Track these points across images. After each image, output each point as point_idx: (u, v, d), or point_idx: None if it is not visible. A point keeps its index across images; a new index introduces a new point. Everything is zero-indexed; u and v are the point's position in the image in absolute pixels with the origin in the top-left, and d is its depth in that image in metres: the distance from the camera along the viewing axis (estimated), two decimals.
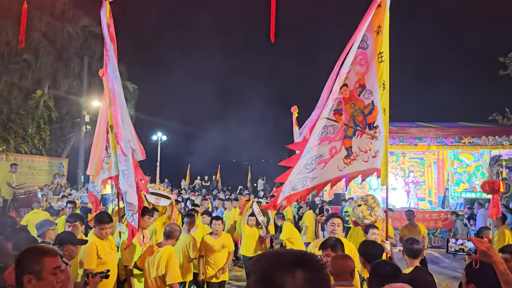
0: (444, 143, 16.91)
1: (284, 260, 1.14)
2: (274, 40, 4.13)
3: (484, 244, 2.16)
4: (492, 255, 2.15)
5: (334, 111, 4.57)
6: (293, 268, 1.12)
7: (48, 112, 21.11)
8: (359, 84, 4.59)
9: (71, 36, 21.81)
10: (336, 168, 4.67)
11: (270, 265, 1.15)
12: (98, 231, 4.64)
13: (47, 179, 19.26)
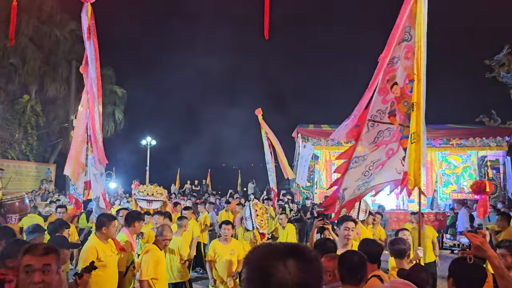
0: (432, 144, 17.09)
1: (278, 250, 1.18)
2: (268, 37, 4.10)
3: (478, 239, 2.17)
4: (487, 249, 2.16)
5: (389, 113, 4.41)
6: (286, 257, 1.15)
7: (35, 117, 20.88)
8: (408, 80, 4.39)
9: (58, 40, 21.62)
10: (395, 171, 4.48)
11: (264, 255, 1.19)
12: (99, 234, 4.59)
13: (35, 185, 19.02)
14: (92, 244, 4.50)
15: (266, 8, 3.92)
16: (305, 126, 18.50)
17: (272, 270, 1.13)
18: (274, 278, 1.12)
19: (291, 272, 1.13)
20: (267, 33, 4.08)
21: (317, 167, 18.10)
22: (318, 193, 17.93)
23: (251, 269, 1.17)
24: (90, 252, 4.38)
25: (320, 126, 18.87)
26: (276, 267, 1.13)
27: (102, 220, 4.68)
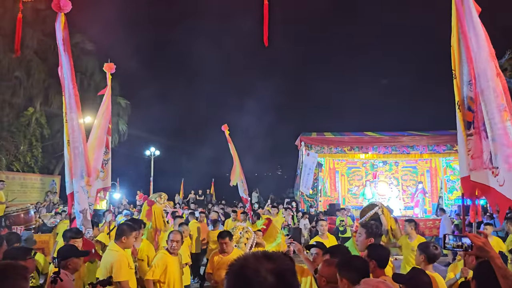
0: (436, 151, 17.08)
1: (254, 256, 1.34)
2: (267, 44, 4.12)
3: (480, 239, 2.18)
4: (489, 250, 2.16)
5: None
6: (262, 260, 1.31)
7: (40, 129, 21.01)
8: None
9: None
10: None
11: (243, 261, 1.33)
12: (119, 243, 4.56)
13: (40, 197, 19.07)
14: (121, 253, 4.47)
15: (265, 15, 3.94)
16: (308, 134, 18.52)
17: (252, 272, 1.27)
18: (261, 271, 1.27)
19: (267, 268, 1.27)
20: (267, 40, 4.10)
21: (321, 175, 18.09)
22: (322, 201, 17.90)
23: (232, 275, 1.30)
24: (122, 262, 4.36)
25: (323, 134, 18.89)
26: (256, 269, 1.27)
27: (123, 229, 4.66)
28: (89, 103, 23.03)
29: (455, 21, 4.04)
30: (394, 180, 18.39)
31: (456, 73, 4.01)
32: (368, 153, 17.89)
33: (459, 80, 4.01)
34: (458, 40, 4.01)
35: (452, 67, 4.06)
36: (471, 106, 3.92)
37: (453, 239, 2.25)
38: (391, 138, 17.78)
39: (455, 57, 4.03)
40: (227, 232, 5.73)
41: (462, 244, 2.20)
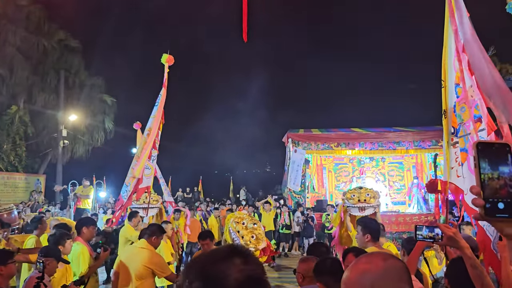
0: (422, 146, 17.26)
1: (221, 253, 1.19)
2: (246, 40, 4.10)
3: (451, 229, 2.22)
4: (458, 240, 2.20)
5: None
6: (231, 257, 1.16)
7: (24, 127, 20.70)
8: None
9: (46, 50, 21.52)
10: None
11: (207, 260, 1.17)
12: (150, 242, 4.65)
13: (24, 196, 18.81)
14: (154, 251, 4.68)
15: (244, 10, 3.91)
16: (295, 131, 18.55)
17: (221, 271, 1.12)
18: (230, 278, 1.11)
19: (241, 269, 1.14)
20: (246, 36, 4.08)
21: (308, 172, 18.14)
22: (310, 197, 17.96)
23: (195, 278, 1.12)
24: (163, 260, 4.68)
25: (311, 131, 18.94)
26: (226, 267, 1.13)
27: (155, 230, 4.74)
28: (74, 100, 22.78)
29: (447, 26, 4.15)
30: (380, 176, 18.53)
31: (446, 83, 4.15)
32: (354, 149, 18.00)
33: (447, 90, 4.14)
34: (447, 46, 4.15)
35: (442, 77, 4.20)
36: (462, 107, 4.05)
37: (424, 230, 2.27)
38: (377, 134, 17.91)
39: (445, 67, 4.15)
40: (207, 233, 5.51)
41: (433, 235, 2.23)
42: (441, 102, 4.27)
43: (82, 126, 23.39)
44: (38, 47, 21.21)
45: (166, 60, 7.68)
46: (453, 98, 4.11)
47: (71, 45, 23.17)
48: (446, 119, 4.15)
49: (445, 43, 4.19)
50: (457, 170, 4.07)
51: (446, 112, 4.15)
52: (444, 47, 4.22)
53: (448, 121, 4.13)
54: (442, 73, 4.21)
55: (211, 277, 1.12)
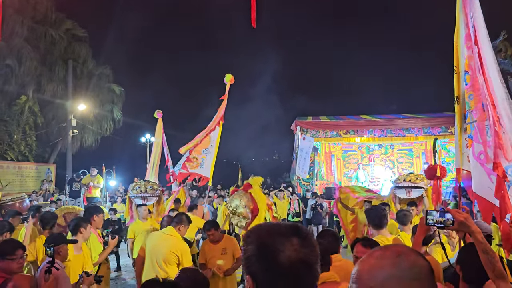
0: (431, 133, 17.14)
1: (280, 229, 1.25)
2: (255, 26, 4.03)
3: (462, 214, 2.20)
4: (470, 225, 2.19)
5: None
6: (290, 235, 1.23)
7: (33, 117, 20.86)
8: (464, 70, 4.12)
9: (54, 40, 21.54)
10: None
11: (267, 234, 1.25)
12: (178, 231, 4.83)
13: (35, 185, 19.03)
14: (181, 239, 4.84)
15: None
16: (303, 118, 18.49)
17: (280, 247, 1.19)
18: (282, 254, 1.18)
19: (296, 249, 1.20)
20: (254, 22, 4.01)
21: (317, 159, 18.12)
22: (319, 184, 17.97)
23: (258, 247, 1.22)
24: (188, 250, 4.81)
25: (319, 118, 18.86)
26: (282, 244, 1.20)
27: (182, 218, 4.91)
28: (82, 90, 22.86)
29: (459, 14, 4.06)
30: (389, 163, 18.45)
31: (458, 69, 4.08)
32: (363, 137, 17.92)
33: (460, 76, 4.07)
34: (459, 32, 4.07)
35: (454, 63, 4.12)
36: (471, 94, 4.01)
37: (435, 215, 2.25)
38: (386, 121, 17.80)
39: (457, 52, 4.08)
40: (211, 223, 5.47)
41: (444, 220, 2.21)
42: (452, 89, 4.22)
43: (91, 116, 23.51)
44: (45, 37, 21.24)
45: (230, 80, 8.56)
46: (463, 85, 4.05)
47: (78, 35, 23.18)
48: (459, 106, 4.07)
49: (457, 27, 4.10)
50: (468, 156, 4.05)
51: (459, 98, 4.08)
52: (456, 32, 4.12)
53: (461, 107, 4.05)
54: (454, 59, 4.13)
55: (266, 247, 1.21)
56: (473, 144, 3.87)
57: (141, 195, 7.59)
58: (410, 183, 7.20)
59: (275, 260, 1.18)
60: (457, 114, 4.12)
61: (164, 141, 10.71)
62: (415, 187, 7.18)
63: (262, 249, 1.21)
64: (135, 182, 8.18)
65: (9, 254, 3.20)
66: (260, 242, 1.22)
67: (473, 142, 3.88)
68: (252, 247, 1.22)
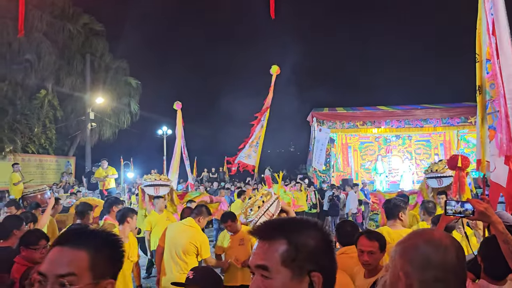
0: (450, 123, 16.86)
1: (309, 222, 1.22)
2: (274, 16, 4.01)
3: (482, 204, 2.17)
4: (491, 215, 2.16)
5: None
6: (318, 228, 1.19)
7: (53, 111, 21.22)
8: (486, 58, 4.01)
9: (72, 34, 21.82)
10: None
11: (297, 223, 1.21)
12: (197, 222, 4.91)
13: (55, 178, 19.43)
14: (200, 230, 4.93)
15: None
16: (320, 110, 18.39)
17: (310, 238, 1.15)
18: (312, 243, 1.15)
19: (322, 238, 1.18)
20: (273, 12, 3.99)
21: (333, 151, 18.03)
22: (335, 176, 17.90)
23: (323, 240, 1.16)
24: (207, 241, 4.94)
25: (335, 109, 18.74)
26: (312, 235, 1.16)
27: (202, 210, 4.98)
28: (100, 84, 23.15)
29: (481, 1, 3.96)
30: (407, 154, 18.25)
31: (480, 57, 3.98)
32: (380, 128, 17.74)
33: (482, 64, 3.97)
34: (482, 20, 3.97)
35: (477, 50, 4.02)
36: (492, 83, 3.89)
37: (454, 205, 2.22)
38: (404, 111, 17.57)
39: (480, 40, 3.97)
40: (228, 215, 5.37)
41: (464, 210, 2.18)
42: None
43: (109, 109, 23.81)
44: (63, 31, 21.52)
45: (276, 71, 8.69)
46: (486, 74, 3.95)
47: (95, 29, 23.42)
48: (481, 95, 3.97)
49: (479, 15, 3.99)
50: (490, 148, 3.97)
51: (481, 87, 3.97)
52: (478, 19, 4.02)
53: (483, 97, 3.95)
54: (477, 47, 4.02)
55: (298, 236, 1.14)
56: (496, 135, 3.76)
57: (153, 183, 7.65)
58: (437, 173, 7.14)
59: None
60: (479, 104, 4.03)
61: (182, 134, 10.75)
62: (444, 176, 7.12)
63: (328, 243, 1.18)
64: (147, 175, 8.31)
65: (32, 244, 3.28)
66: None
67: (496, 133, 3.77)
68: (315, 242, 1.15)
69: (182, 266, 4.59)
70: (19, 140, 18.51)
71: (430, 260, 1.25)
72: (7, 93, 19.00)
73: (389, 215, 3.96)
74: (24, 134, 19.23)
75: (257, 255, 1.13)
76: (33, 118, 19.89)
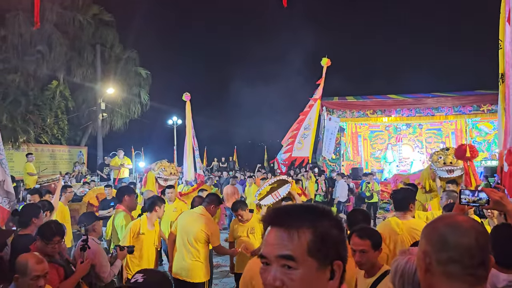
0: (462, 112, 16.69)
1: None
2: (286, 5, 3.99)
3: (497, 193, 2.17)
4: (506, 204, 2.16)
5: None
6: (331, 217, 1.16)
7: (64, 101, 21.43)
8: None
9: (82, 25, 21.91)
10: None
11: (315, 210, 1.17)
12: (209, 210, 4.98)
13: (68, 168, 19.70)
14: (212, 218, 5.01)
15: None
16: (329, 99, 18.30)
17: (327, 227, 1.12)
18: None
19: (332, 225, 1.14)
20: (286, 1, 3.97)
21: (343, 140, 17.99)
22: (345, 165, 17.87)
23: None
24: (218, 229, 5.09)
25: (345, 98, 18.64)
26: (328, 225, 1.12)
27: (214, 199, 5.05)
28: (110, 74, 23.28)
29: None
30: (418, 143, 18.13)
31: (503, 44, 3.81)
32: (391, 116, 17.63)
33: (504, 51, 3.81)
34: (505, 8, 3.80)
35: (500, 37, 3.86)
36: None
37: (469, 194, 2.22)
38: (414, 100, 17.42)
39: (503, 24, 3.81)
40: (238, 204, 5.47)
41: (478, 199, 2.18)
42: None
43: (119, 99, 23.97)
44: (74, 22, 21.62)
45: (326, 63, 8.64)
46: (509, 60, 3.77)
47: (105, 19, 23.46)
48: (504, 84, 3.78)
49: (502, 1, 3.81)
50: None
51: (504, 75, 3.80)
52: (502, 3, 3.83)
53: (507, 85, 3.74)
54: (500, 33, 3.84)
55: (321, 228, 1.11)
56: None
57: (165, 177, 7.86)
58: (451, 166, 7.06)
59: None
60: (501, 93, 3.88)
61: (192, 124, 10.84)
62: (457, 168, 7.08)
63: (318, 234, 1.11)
64: (162, 163, 8.31)
65: (46, 239, 3.35)
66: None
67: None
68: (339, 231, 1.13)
69: (194, 253, 4.69)
70: (32, 130, 18.76)
71: (447, 241, 1.30)
72: (19, 84, 19.21)
73: (398, 207, 3.83)
74: (37, 125, 19.48)
75: (278, 245, 1.07)
76: (45, 109, 20.12)
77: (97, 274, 3.77)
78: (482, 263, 1.29)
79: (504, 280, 2.37)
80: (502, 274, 2.39)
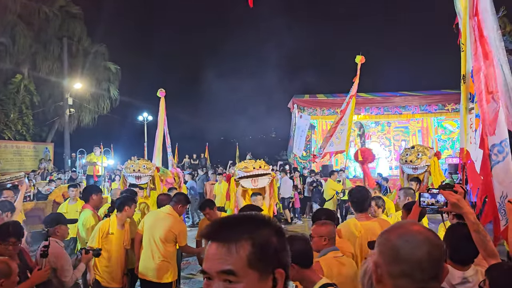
0: (428, 110, 17.20)
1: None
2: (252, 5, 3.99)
3: (454, 196, 2.25)
4: (463, 206, 2.24)
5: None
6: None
7: (29, 96, 20.74)
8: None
9: (48, 17, 21.22)
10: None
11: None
12: (176, 210, 4.93)
13: (33, 165, 19.09)
14: (179, 218, 4.98)
15: None
16: (300, 97, 18.46)
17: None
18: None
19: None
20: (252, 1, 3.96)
21: (314, 137, 18.18)
22: (315, 162, 18.07)
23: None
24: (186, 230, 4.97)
25: (316, 96, 18.84)
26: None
27: (181, 198, 4.98)
28: (78, 68, 22.68)
29: None
30: (386, 140, 18.54)
31: (465, 47, 3.98)
32: (360, 114, 17.94)
33: (466, 53, 3.97)
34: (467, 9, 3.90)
35: (462, 40, 4.02)
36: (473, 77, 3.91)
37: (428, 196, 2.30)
38: (383, 98, 17.80)
39: (465, 28, 3.94)
40: (206, 203, 5.51)
41: (437, 201, 2.26)
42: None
43: (88, 94, 23.40)
44: (39, 14, 20.91)
45: (360, 60, 8.98)
46: (470, 63, 3.90)
47: (72, 12, 22.80)
48: (465, 84, 3.97)
49: (464, 3, 3.93)
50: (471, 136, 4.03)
51: (465, 77, 3.98)
52: (463, 8, 3.96)
53: (467, 86, 3.95)
54: (462, 36, 3.99)
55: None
56: (480, 124, 3.77)
57: (134, 174, 7.62)
58: (412, 164, 7.15)
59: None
60: (463, 93, 4.02)
61: (165, 121, 10.72)
62: (418, 167, 7.15)
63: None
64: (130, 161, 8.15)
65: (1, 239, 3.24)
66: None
67: (480, 121, 3.77)
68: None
69: (161, 253, 4.64)
70: None
71: (398, 254, 1.27)
72: None
73: (357, 208, 3.82)
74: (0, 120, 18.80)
75: (218, 260, 1.06)
76: (8, 104, 19.43)
77: (59, 279, 3.68)
78: (434, 276, 1.27)
79: (459, 277, 2.46)
80: (457, 271, 2.47)
